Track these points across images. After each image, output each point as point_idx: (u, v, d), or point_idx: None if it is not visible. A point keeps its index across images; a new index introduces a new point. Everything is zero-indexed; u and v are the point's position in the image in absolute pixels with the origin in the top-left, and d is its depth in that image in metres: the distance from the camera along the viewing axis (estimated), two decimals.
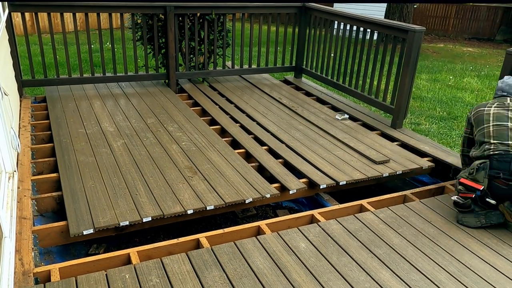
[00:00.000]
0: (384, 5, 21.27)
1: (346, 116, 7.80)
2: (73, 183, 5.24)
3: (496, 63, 18.75)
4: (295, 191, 5.46)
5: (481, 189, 4.74)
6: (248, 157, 6.35)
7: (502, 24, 25.48)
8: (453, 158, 6.44)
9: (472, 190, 4.82)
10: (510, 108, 5.09)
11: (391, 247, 4.50)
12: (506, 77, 5.47)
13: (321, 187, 5.61)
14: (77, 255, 4.96)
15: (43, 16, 16.20)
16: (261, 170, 5.96)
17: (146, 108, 7.84)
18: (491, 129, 5.00)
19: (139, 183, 5.33)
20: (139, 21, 9.10)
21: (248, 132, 7.22)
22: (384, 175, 5.99)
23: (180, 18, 9.02)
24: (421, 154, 6.65)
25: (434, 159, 6.48)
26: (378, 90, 8.03)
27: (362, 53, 8.21)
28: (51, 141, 6.54)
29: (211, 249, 4.27)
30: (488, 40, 25.54)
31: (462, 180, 4.93)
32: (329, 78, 9.30)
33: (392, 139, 7.14)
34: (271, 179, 5.67)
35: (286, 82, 10.19)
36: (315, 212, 5.08)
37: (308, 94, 9.37)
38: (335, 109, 8.48)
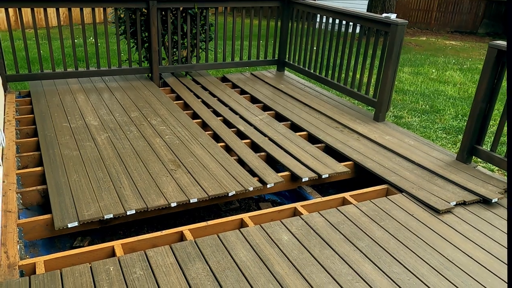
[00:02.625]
0: None
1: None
2: (58, 177, 5.26)
3: (478, 56, 18.86)
4: (272, 184, 5.48)
5: None
6: (228, 150, 6.37)
7: (484, 17, 25.62)
8: (437, 153, 6.52)
9: None
10: None
11: (373, 240, 4.54)
12: None
13: (303, 180, 5.65)
14: (62, 247, 4.97)
15: (26, 12, 16.15)
16: (241, 164, 5.98)
17: (129, 102, 7.86)
18: None
19: (123, 176, 5.35)
20: (122, 15, 9.10)
21: (230, 125, 7.26)
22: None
23: (163, 12, 9.02)
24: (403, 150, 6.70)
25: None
26: (361, 83, 8.07)
27: (345, 47, 8.25)
28: (35, 135, 6.55)
29: (195, 242, 4.30)
30: (470, 33, 25.67)
31: None
32: (312, 71, 9.34)
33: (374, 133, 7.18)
34: (250, 173, 5.69)
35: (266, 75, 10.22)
36: (298, 205, 5.11)
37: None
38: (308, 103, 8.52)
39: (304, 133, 7.11)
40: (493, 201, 5.31)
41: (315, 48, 9.18)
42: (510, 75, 5.14)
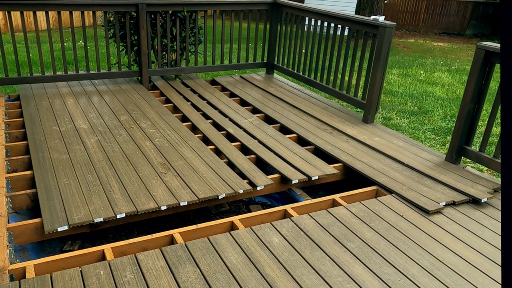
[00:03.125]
0: (355, 1, 21.37)
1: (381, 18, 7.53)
2: (47, 181, 5.25)
3: (466, 57, 18.93)
4: (262, 187, 5.48)
5: None
6: (218, 153, 6.37)
7: (472, 19, 25.73)
8: (427, 154, 6.54)
9: None
10: None
11: (363, 241, 4.55)
12: None
13: (293, 182, 5.66)
14: (52, 251, 4.97)
15: (16, 15, 16.13)
16: (230, 166, 5.99)
17: (119, 105, 7.85)
18: None
19: (112, 179, 5.35)
20: (111, 18, 9.10)
21: (220, 128, 7.26)
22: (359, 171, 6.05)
23: (152, 16, 9.03)
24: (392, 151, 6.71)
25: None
26: (350, 85, 8.09)
27: (333, 49, 8.27)
28: (25, 139, 6.54)
29: (185, 245, 4.31)
30: (458, 34, 25.77)
31: None
32: (301, 74, 9.36)
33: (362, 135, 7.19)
34: (240, 175, 5.70)
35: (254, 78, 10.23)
36: (288, 207, 5.12)
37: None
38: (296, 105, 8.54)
39: (294, 135, 7.13)
40: (482, 201, 5.33)
41: (303, 50, 9.20)
42: (503, 76, 5.17)
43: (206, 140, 6.82)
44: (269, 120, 7.84)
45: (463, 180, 5.77)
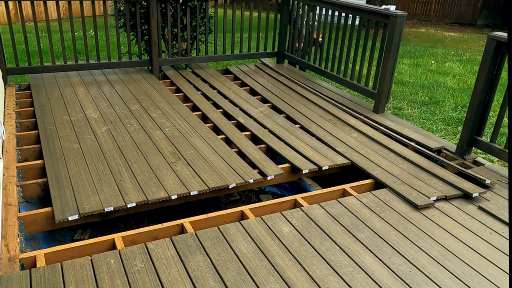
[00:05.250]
0: None
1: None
2: (58, 170, 5.26)
3: (478, 47, 18.83)
4: (273, 177, 5.47)
5: None
6: (228, 143, 6.36)
7: (483, 9, 25.56)
8: (434, 142, 6.51)
9: None
10: None
11: (373, 231, 4.54)
12: None
13: (303, 172, 5.65)
14: (63, 240, 4.99)
15: (26, 5, 16.13)
16: (241, 156, 5.98)
17: (129, 94, 7.86)
18: None
19: (123, 169, 5.35)
20: (121, 8, 9.09)
21: (230, 117, 7.26)
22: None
23: (163, 5, 9.02)
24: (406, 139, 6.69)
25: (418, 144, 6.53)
26: (360, 75, 8.07)
27: (344, 39, 8.25)
28: (35, 128, 6.54)
29: (195, 234, 4.31)
30: (469, 24, 25.61)
31: None
32: (312, 63, 9.34)
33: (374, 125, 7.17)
34: (250, 165, 5.69)
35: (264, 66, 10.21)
36: (298, 197, 5.11)
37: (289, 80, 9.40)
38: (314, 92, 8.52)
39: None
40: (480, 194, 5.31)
41: (320, 39, 9.18)
42: (511, 66, 5.12)
43: (216, 130, 6.82)
44: (279, 109, 7.82)
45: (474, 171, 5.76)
